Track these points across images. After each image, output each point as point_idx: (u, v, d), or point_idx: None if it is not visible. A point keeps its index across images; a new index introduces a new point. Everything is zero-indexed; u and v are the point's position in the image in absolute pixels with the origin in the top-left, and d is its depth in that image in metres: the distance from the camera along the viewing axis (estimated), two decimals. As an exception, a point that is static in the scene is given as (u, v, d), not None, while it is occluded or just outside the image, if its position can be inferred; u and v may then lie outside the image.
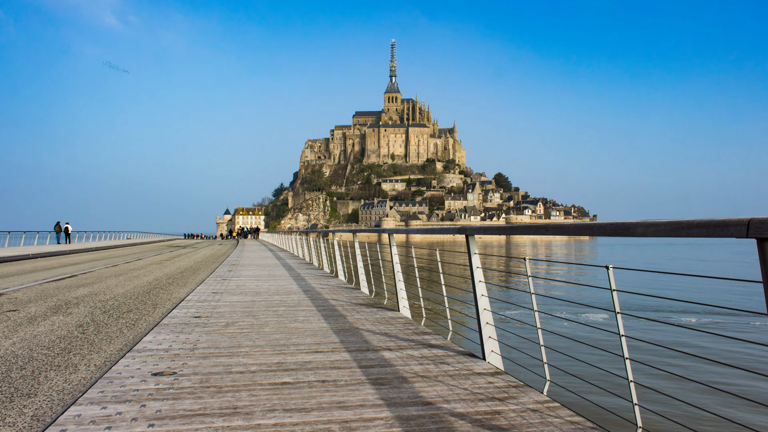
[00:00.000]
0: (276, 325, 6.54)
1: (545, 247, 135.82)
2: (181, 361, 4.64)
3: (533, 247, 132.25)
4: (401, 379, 4.20)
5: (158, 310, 9.21)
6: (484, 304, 4.75)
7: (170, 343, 5.39)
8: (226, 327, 6.36)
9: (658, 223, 2.40)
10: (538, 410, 3.48)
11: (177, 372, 4.28)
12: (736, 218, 2.03)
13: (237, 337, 5.74)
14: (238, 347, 5.26)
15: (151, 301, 10.59)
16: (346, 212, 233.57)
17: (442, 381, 4.21)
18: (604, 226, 2.76)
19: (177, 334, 5.92)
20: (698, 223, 2.19)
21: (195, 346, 5.27)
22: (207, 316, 7.16)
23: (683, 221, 2.28)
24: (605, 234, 2.72)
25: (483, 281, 4.77)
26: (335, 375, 4.27)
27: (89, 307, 9.81)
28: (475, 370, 4.48)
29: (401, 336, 5.94)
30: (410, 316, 7.34)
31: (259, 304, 8.38)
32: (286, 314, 7.35)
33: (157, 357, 4.79)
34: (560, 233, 3.16)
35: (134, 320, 8.41)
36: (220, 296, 9.29)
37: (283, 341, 5.57)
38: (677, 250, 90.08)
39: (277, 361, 4.72)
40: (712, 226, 2.12)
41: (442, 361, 4.82)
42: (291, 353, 5.02)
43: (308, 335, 5.91)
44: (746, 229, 1.97)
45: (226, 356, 4.87)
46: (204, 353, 4.98)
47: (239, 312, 7.51)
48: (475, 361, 4.75)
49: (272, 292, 9.91)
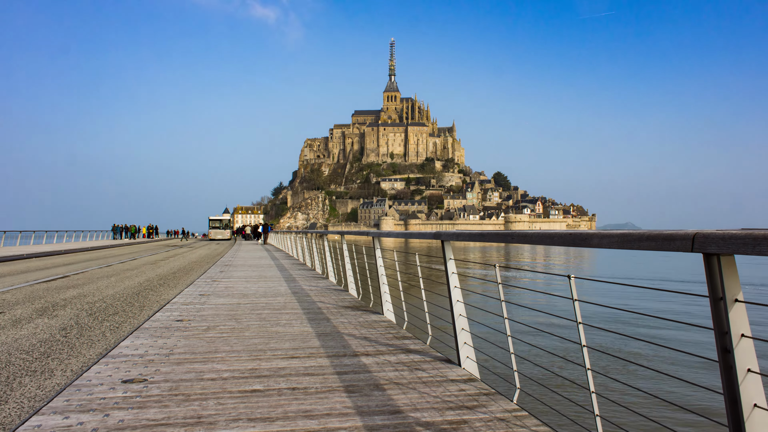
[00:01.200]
0: (257, 329, 6.51)
1: (544, 248, 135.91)
2: (154, 368, 4.61)
3: (531, 248, 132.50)
4: (373, 386, 4.17)
5: (144, 313, 9.18)
6: (460, 310, 4.72)
7: (147, 348, 5.36)
8: (207, 331, 6.33)
9: (612, 235, 2.37)
10: (506, 419, 3.45)
11: (148, 379, 4.25)
12: (682, 232, 2.00)
13: (215, 342, 5.71)
14: (215, 353, 5.23)
15: (139, 303, 10.55)
16: (345, 211, 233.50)
17: (415, 388, 4.18)
18: (564, 236, 2.73)
19: (156, 338, 5.89)
20: (647, 236, 2.16)
21: (171, 352, 5.24)
22: (189, 319, 7.12)
23: (634, 233, 2.25)
24: (566, 244, 2.69)
25: (458, 287, 4.74)
26: (307, 382, 4.24)
27: (76, 309, 9.78)
28: (449, 377, 4.45)
29: (381, 340, 5.91)
30: (394, 320, 7.31)
31: (244, 306, 8.35)
32: (269, 317, 7.32)
33: (131, 363, 4.76)
34: (525, 242, 3.14)
35: (119, 323, 8.38)
36: (206, 298, 9.26)
37: (261, 346, 5.54)
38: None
39: (251, 367, 4.69)
40: (661, 239, 2.09)
41: (418, 366, 4.79)
42: (267, 359, 4.99)
43: (287, 340, 5.88)
44: (691, 243, 1.94)
45: (201, 362, 4.84)
46: (179, 359, 4.94)
47: (222, 315, 7.48)
48: (450, 368, 4.72)
49: (260, 294, 9.88)
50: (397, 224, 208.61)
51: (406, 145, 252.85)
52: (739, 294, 1.91)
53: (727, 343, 1.90)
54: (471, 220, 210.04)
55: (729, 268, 1.91)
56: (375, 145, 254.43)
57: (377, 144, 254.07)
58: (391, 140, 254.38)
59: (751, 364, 1.89)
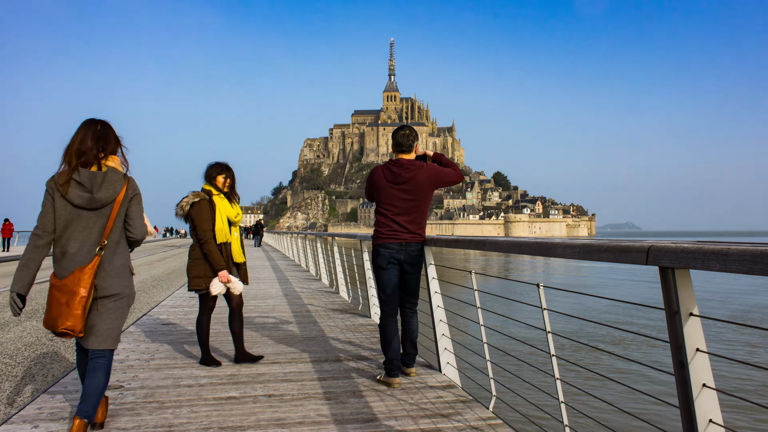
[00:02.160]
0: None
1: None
2: (132, 374, 4.58)
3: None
4: (351, 392, 4.14)
5: (135, 315, 9.14)
6: (440, 316, 4.70)
7: (128, 353, 5.33)
8: (191, 335, 6.30)
9: (574, 245, 2.35)
10: (479, 428, 3.42)
11: (124, 386, 4.22)
12: (638, 244, 1.97)
13: (198, 346, 5.67)
14: (196, 357, 5.20)
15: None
16: (345, 211, 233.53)
17: (393, 394, 4.15)
18: (531, 245, 2.71)
19: (139, 342, 5.86)
20: (606, 248, 2.13)
21: (152, 357, 5.21)
22: (175, 323, 7.10)
23: (594, 245, 2.22)
24: (533, 253, 2.68)
25: (438, 292, 4.71)
26: (284, 388, 4.21)
27: (66, 311, 9.74)
28: (428, 383, 4.42)
29: (366, 345, 5.88)
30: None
31: (233, 309, 8.31)
32: (256, 321, 7.29)
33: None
34: (496, 250, 3.11)
35: (107, 326, 8.35)
36: (195, 301, 9.23)
37: (244, 351, 5.51)
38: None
39: (230, 373, 4.66)
40: (618, 250, 2.06)
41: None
42: (247, 364, 4.96)
43: (271, 344, 5.85)
44: (646, 256, 1.91)
45: (180, 368, 4.81)
46: (159, 364, 4.92)
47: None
48: (431, 374, 4.69)
49: (250, 297, 9.85)
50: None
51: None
52: (694, 308, 1.88)
53: (682, 357, 1.88)
54: (470, 220, 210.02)
55: (683, 282, 1.88)
56: (375, 144, 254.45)
57: (377, 144, 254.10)
58: (390, 140, 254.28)
59: (706, 379, 1.86)
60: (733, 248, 1.57)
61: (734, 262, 1.56)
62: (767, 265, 1.46)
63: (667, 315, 1.92)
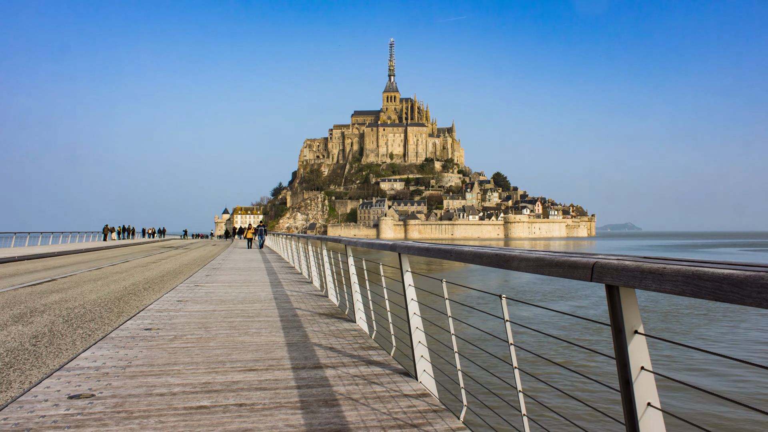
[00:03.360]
0: (224, 338, 6.44)
1: (544, 243, 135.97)
2: (106, 382, 4.55)
3: (532, 244, 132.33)
4: (323, 402, 4.10)
5: (121, 319, 9.10)
6: (417, 323, 4.66)
7: (105, 360, 5.30)
8: (172, 341, 6.27)
9: (529, 258, 2.31)
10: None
11: (95, 395, 4.18)
12: (584, 260, 1.94)
13: (177, 353, 5.64)
14: (173, 364, 5.17)
15: (118, 309, 10.49)
16: (344, 212, 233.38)
17: (368, 403, 4.12)
18: (491, 256, 2.68)
19: (118, 348, 5.82)
20: (557, 262, 2.09)
21: (129, 364, 5.18)
22: (158, 328, 7.06)
23: (547, 259, 2.18)
24: (492, 264, 2.64)
25: (415, 299, 4.68)
26: (257, 397, 4.18)
27: (53, 315, 9.71)
28: (403, 391, 4.39)
29: (346, 351, 5.85)
30: (366, 328, 7.25)
31: (219, 313, 8.28)
32: (240, 326, 7.25)
33: (84, 376, 4.69)
34: (460, 260, 3.08)
35: (92, 330, 8.32)
36: (182, 305, 9.19)
37: (223, 357, 5.48)
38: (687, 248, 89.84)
39: (205, 381, 4.63)
40: (567, 266, 2.03)
41: (376, 380, 4.72)
42: (224, 372, 4.92)
43: (252, 350, 5.81)
44: (591, 273, 1.88)
45: (155, 375, 4.77)
46: (134, 372, 4.88)
47: (194, 323, 7.41)
48: (407, 381, 4.66)
49: (238, 300, 9.82)
50: (397, 225, 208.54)
51: (406, 146, 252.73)
52: (639, 326, 1.85)
53: (627, 375, 1.84)
54: (470, 221, 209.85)
55: (628, 300, 1.85)
56: (374, 145, 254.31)
57: (377, 144, 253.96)
58: (390, 140, 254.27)
59: (651, 398, 1.83)
60: (669, 267, 1.54)
61: (668, 282, 1.53)
62: (697, 287, 1.42)
63: (613, 332, 1.89)
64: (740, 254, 78.73)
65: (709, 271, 1.40)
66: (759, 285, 1.25)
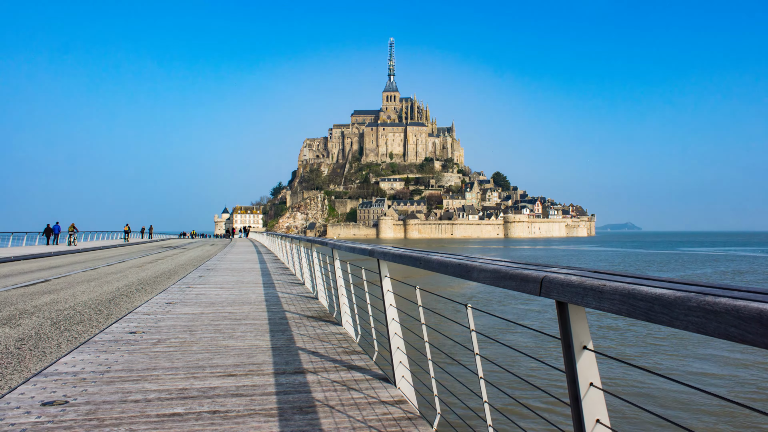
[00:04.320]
0: (208, 342, 6.41)
1: (544, 243, 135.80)
2: (82, 388, 4.51)
3: (532, 244, 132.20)
4: (298, 409, 4.07)
5: (109, 322, 9.07)
6: (395, 329, 4.63)
7: (85, 365, 5.26)
8: (155, 345, 6.24)
9: (487, 270, 2.28)
10: (418, 448, 3.35)
11: (69, 401, 4.15)
12: (535, 273, 1.91)
13: (158, 358, 5.61)
14: (153, 370, 5.14)
15: (108, 311, 10.46)
16: (344, 211, 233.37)
17: (343, 410, 4.09)
18: (454, 266, 2.65)
19: (99, 353, 5.79)
20: (511, 275, 2.06)
21: (108, 369, 5.15)
22: (143, 331, 7.03)
23: (503, 271, 2.15)
24: (454, 274, 2.62)
25: (394, 305, 4.64)
26: (232, 404, 4.14)
27: (42, 317, 9.68)
28: (381, 398, 4.36)
29: (330, 355, 5.82)
30: (352, 332, 7.21)
31: (206, 316, 8.25)
32: (226, 329, 7.22)
33: (61, 382, 4.66)
34: (428, 268, 3.06)
35: (80, 333, 8.29)
36: (171, 307, 9.16)
37: (203, 362, 5.45)
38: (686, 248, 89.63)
39: (182, 386, 4.60)
40: (519, 278, 2.00)
41: (355, 386, 4.70)
42: (202, 377, 4.89)
43: (233, 355, 5.78)
44: (539, 287, 1.85)
45: (133, 381, 4.74)
46: (112, 377, 4.85)
47: (179, 327, 7.38)
48: (386, 387, 4.63)
49: (228, 303, 9.78)
50: (396, 224, 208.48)
51: (406, 145, 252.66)
52: (588, 342, 1.82)
53: (576, 390, 1.81)
54: (470, 221, 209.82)
55: (577, 315, 1.82)
56: (374, 145, 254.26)
57: (376, 144, 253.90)
58: (390, 140, 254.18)
59: (600, 415, 1.80)
60: (609, 285, 1.51)
61: (607, 300, 1.49)
62: (632, 306, 1.39)
63: (563, 347, 1.86)
64: (737, 253, 78.29)
65: (643, 290, 1.37)
66: (686, 307, 1.22)
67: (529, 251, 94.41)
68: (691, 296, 1.23)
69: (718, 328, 1.12)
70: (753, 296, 1.17)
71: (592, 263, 57.15)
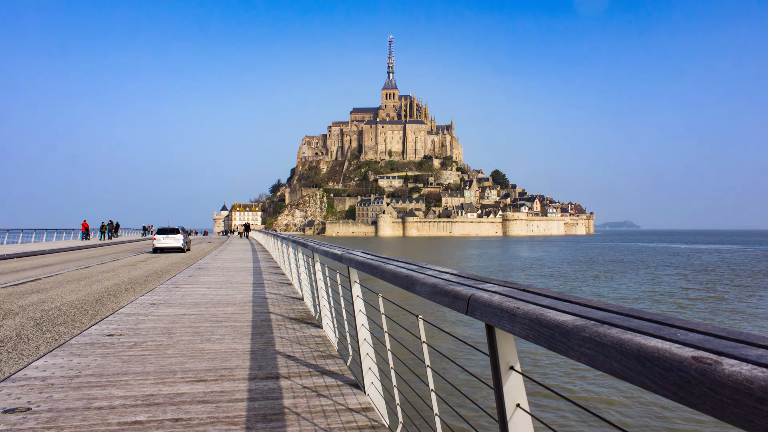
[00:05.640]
0: (185, 345, 6.37)
1: (542, 241, 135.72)
2: (47, 394, 4.47)
3: (530, 242, 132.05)
4: (263, 416, 4.03)
5: (93, 322, 9.02)
6: (365, 335, 4.59)
7: (56, 369, 5.22)
8: (131, 348, 6.19)
9: (426, 284, 2.24)
10: (377, 458, 3.32)
11: (32, 408, 4.11)
12: (464, 291, 1.86)
13: (132, 362, 5.57)
14: (123, 374, 5.09)
15: (93, 312, 10.41)
16: (343, 209, 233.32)
17: (310, 418, 4.05)
18: (402, 278, 2.61)
19: (73, 357, 5.74)
20: (444, 291, 2.02)
21: (78, 374, 5.10)
22: (121, 334, 6.98)
23: (440, 287, 2.11)
24: (402, 286, 2.59)
25: (363, 311, 4.60)
26: (196, 411, 4.10)
27: (26, 318, 9.63)
28: (349, 405, 4.32)
29: (306, 359, 5.78)
30: (333, 335, 7.17)
31: (188, 318, 8.21)
32: (206, 332, 7.18)
33: (28, 388, 4.62)
34: (383, 278, 3.02)
35: (61, 334, 8.24)
36: (154, 308, 9.12)
37: (176, 366, 5.40)
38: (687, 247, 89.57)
39: (149, 392, 4.55)
40: (451, 295, 1.96)
41: (325, 392, 4.66)
42: (171, 383, 4.85)
43: (208, 359, 5.74)
44: (467, 305, 1.80)
45: (101, 387, 4.70)
46: (80, 383, 4.80)
47: (159, 329, 7.34)
48: (355, 394, 4.59)
49: (212, 304, 9.74)
50: (395, 222, 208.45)
51: (405, 143, 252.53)
52: (515, 363, 1.78)
53: (503, 411, 1.77)
54: (469, 218, 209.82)
55: (503, 334, 1.77)
56: (373, 142, 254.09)
57: (375, 142, 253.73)
58: (389, 138, 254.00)
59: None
60: (522, 308, 1.46)
61: (518, 324, 1.45)
62: (538, 333, 1.34)
63: (491, 366, 1.82)
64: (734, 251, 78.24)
65: (548, 316, 1.32)
66: (580, 337, 1.17)
67: (528, 246, 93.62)
68: (589, 325, 1.19)
69: (605, 362, 1.07)
70: (649, 326, 1.12)
71: (556, 263, 56.37)
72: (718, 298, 28.97)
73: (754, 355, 0.87)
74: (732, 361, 0.85)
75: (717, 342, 0.97)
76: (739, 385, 0.78)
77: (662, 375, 0.92)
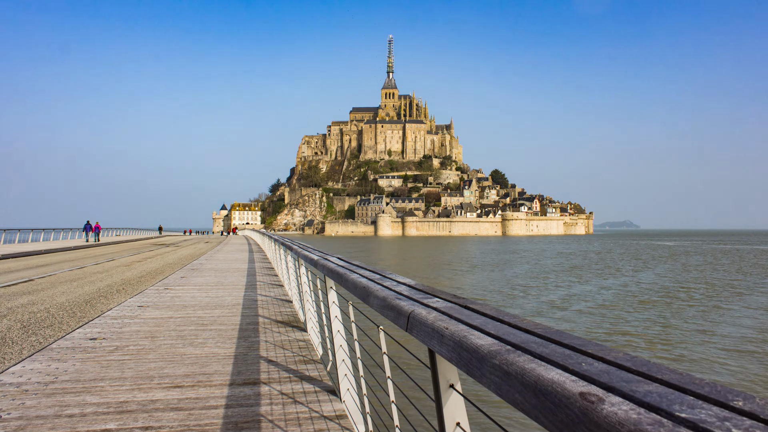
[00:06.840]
0: (166, 350, 6.33)
1: (541, 240, 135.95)
2: (20, 401, 4.43)
3: (530, 241, 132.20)
4: (234, 424, 3.99)
5: (71, 326, 8.98)
6: (340, 341, 4.56)
7: (32, 375, 5.18)
8: (112, 353, 6.15)
9: (378, 297, 2.21)
10: (344, 468, 3.28)
11: (2, 416, 4.07)
12: (406, 307, 1.82)
13: (110, 367, 5.53)
14: (100, 380, 5.05)
15: (81, 314, 10.36)
16: (342, 208, 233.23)
17: (283, 426, 4.01)
18: (361, 288, 2.57)
19: (51, 362, 5.71)
20: (390, 306, 1.98)
21: (54, 380, 5.06)
22: (104, 338, 6.94)
23: (390, 301, 2.07)
24: (358, 296, 2.55)
25: (339, 317, 4.57)
26: (167, 419, 4.06)
27: (13, 320, 9.59)
28: (323, 412, 4.29)
29: (287, 364, 5.74)
30: (317, 338, 7.13)
31: (173, 321, 8.16)
32: (189, 335, 7.14)
33: (1, 394, 4.58)
34: (345, 287, 2.98)
35: (46, 337, 8.19)
36: (141, 311, 9.08)
37: (155, 372, 5.37)
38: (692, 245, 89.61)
39: (124, 399, 4.52)
40: (396, 311, 1.92)
41: (302, 398, 4.62)
42: (147, 389, 4.81)
43: (188, 364, 5.70)
44: (407, 322, 1.77)
45: (75, 393, 4.66)
46: (55, 389, 4.77)
47: (142, 333, 7.30)
48: (331, 401, 4.55)
49: (201, 306, 9.70)
50: (394, 222, 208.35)
51: (404, 143, 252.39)
52: (456, 383, 1.74)
53: (443, 429, 1.73)
54: (468, 218, 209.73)
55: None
56: (373, 142, 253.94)
57: (375, 141, 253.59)
58: (389, 137, 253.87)
59: (467, 457, 1.72)
60: (450, 329, 1.42)
61: (445, 346, 1.41)
62: (461, 357, 1.30)
63: (433, 383, 1.78)
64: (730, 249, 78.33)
65: (469, 339, 1.28)
66: (491, 364, 1.13)
67: (528, 243, 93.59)
68: (502, 351, 1.15)
69: (509, 392, 1.04)
70: (560, 353, 1.08)
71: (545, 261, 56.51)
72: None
73: (643, 392, 0.83)
74: (615, 399, 0.81)
75: (615, 374, 0.92)
76: (612, 428, 0.74)
77: (552, 411, 0.88)
